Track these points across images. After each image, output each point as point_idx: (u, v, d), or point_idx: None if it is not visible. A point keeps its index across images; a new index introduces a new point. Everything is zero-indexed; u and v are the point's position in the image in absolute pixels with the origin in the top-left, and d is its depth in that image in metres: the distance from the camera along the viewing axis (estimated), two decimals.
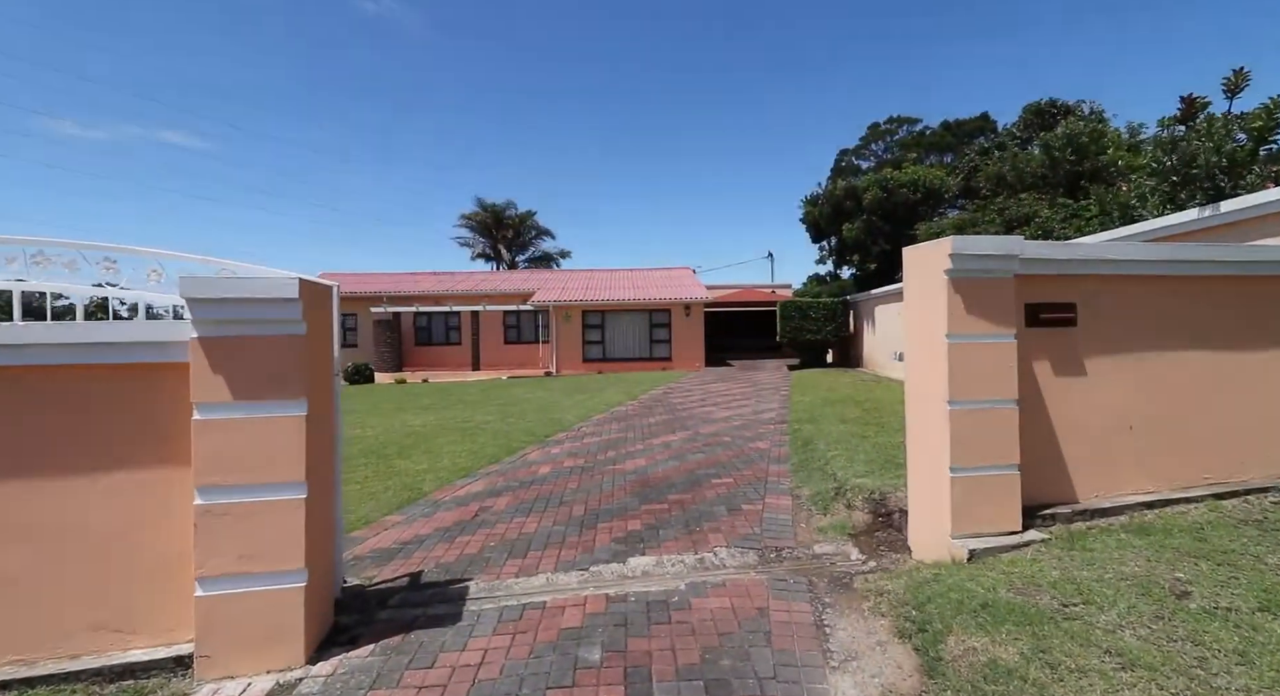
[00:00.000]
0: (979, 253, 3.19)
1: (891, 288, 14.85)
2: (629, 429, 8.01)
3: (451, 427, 8.55)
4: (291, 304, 2.46)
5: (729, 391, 12.33)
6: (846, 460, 5.14)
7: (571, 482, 5.26)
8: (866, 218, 17.57)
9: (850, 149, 36.66)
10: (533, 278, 26.13)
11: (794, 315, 17.61)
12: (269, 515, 2.47)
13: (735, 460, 5.90)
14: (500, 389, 14.75)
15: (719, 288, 27.84)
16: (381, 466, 6.12)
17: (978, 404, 3.21)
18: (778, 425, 7.86)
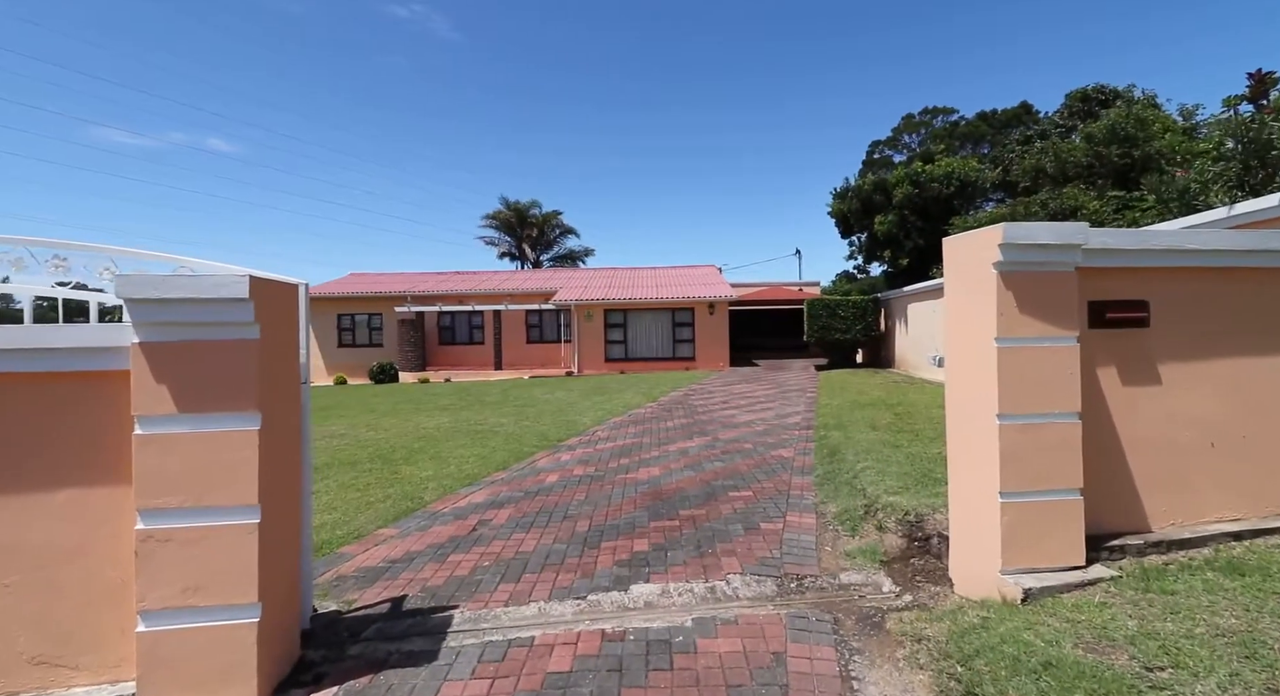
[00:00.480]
0: (1035, 242, 2.74)
1: (925, 284, 14.17)
2: (645, 433, 7.66)
3: (464, 430, 8.34)
4: (240, 305, 2.18)
5: (752, 393, 11.88)
6: (877, 473, 4.69)
7: (579, 493, 4.95)
8: (898, 212, 16.84)
9: (882, 140, 35.59)
10: (555, 276, 25.99)
11: (822, 314, 17.01)
12: (217, 542, 2.20)
13: (755, 470, 5.50)
14: (520, 389, 14.57)
15: (745, 286, 27.25)
16: (386, 472, 5.91)
17: (1033, 418, 2.77)
18: (803, 431, 7.41)
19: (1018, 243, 2.73)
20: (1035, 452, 2.77)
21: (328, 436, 8.34)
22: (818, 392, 11.55)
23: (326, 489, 5.39)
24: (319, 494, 5.23)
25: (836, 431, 6.98)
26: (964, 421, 3.02)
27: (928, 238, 16.91)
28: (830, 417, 8.15)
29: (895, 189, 16.55)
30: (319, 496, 5.15)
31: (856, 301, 17.02)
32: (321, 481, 5.69)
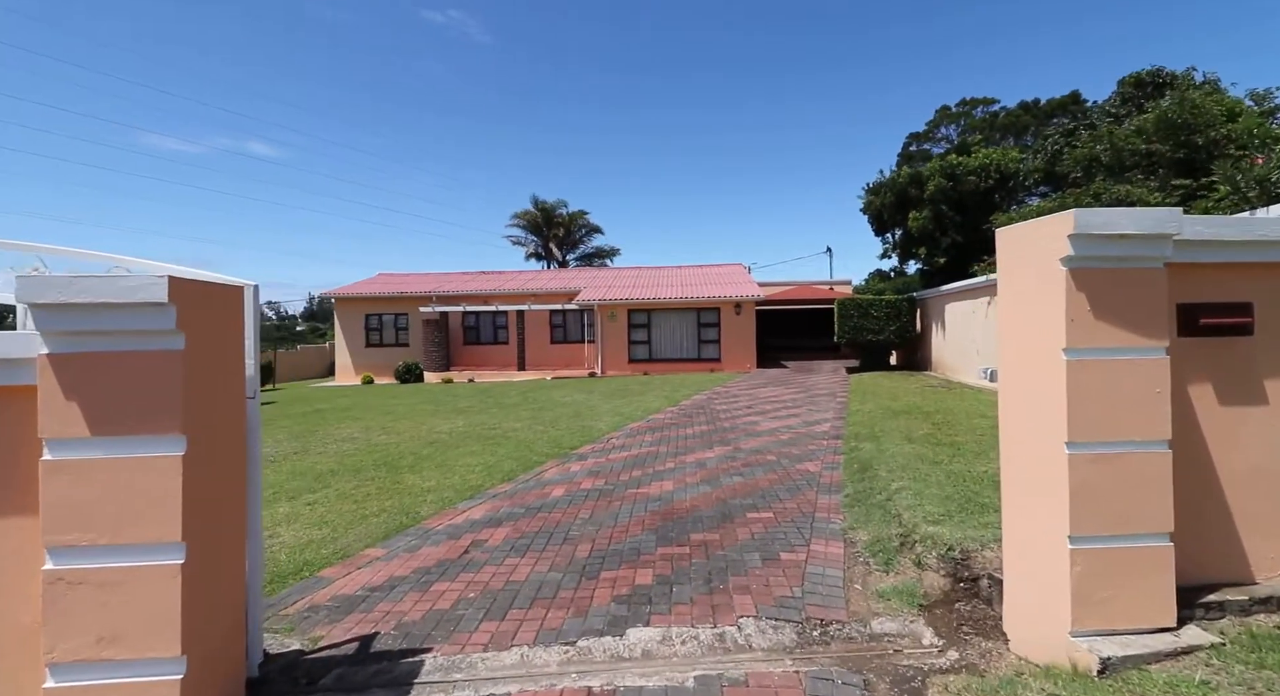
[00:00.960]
0: (1115, 232, 2.25)
1: (964, 283, 13.38)
2: (662, 441, 7.26)
3: (476, 435, 8.07)
4: (158, 311, 1.87)
5: (779, 397, 11.35)
6: (915, 495, 4.19)
7: (584, 510, 4.58)
8: (932, 207, 16.00)
9: (918, 134, 34.33)
10: (579, 276, 25.77)
11: (854, 314, 16.30)
12: (135, 585, 1.90)
13: (778, 487, 5.04)
14: (540, 391, 14.33)
15: (773, 285, 26.56)
16: (388, 482, 5.66)
17: (1111, 446, 2.28)
18: (831, 441, 6.90)
19: (1093, 233, 2.24)
20: (1114, 488, 2.28)
21: (340, 440, 8.18)
22: (848, 397, 10.95)
23: (325, 499, 5.16)
24: (316, 505, 5.00)
25: (868, 443, 6.45)
26: (1023, 448, 2.54)
27: (965, 234, 16.04)
28: (861, 426, 7.61)
29: (928, 182, 15.71)
30: (315, 507, 4.91)
31: (890, 301, 16.26)
32: (322, 490, 5.47)
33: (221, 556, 2.17)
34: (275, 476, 6.14)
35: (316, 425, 9.79)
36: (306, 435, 8.78)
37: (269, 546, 3.99)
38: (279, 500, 5.20)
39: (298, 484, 5.73)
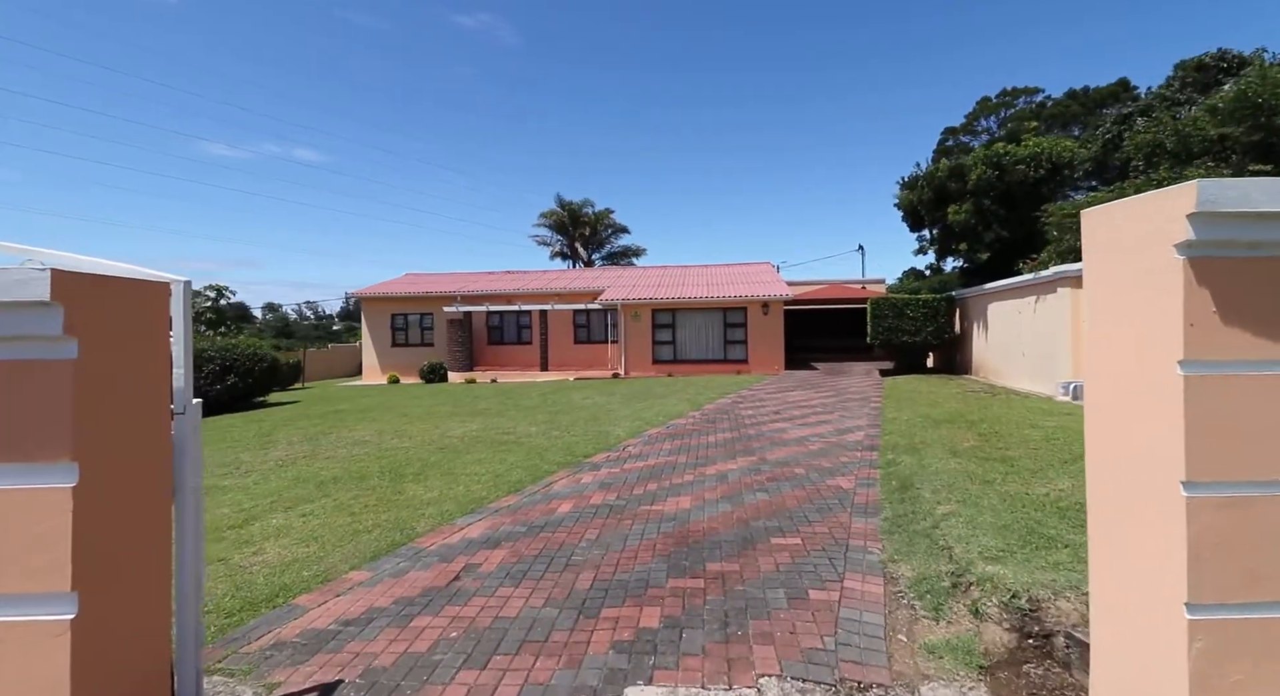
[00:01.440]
0: (1252, 210, 1.72)
1: (1009, 281, 12.54)
2: (682, 450, 6.81)
3: (489, 440, 7.77)
4: (41, 311, 1.53)
5: (808, 402, 10.77)
6: (966, 523, 3.66)
7: (591, 530, 4.18)
8: (975, 200, 15.11)
9: (956, 127, 32.98)
10: (603, 275, 25.45)
11: (888, 314, 15.54)
12: (11, 647, 1.56)
13: (807, 507, 4.55)
14: (561, 392, 14.03)
15: (803, 284, 25.81)
16: (389, 492, 5.36)
17: (1246, 488, 1.75)
18: (866, 453, 6.35)
19: (1222, 211, 1.71)
20: (1249, 543, 1.75)
21: (352, 444, 7.98)
22: (883, 403, 10.31)
23: (321, 510, 4.88)
24: (311, 516, 4.72)
25: (907, 456, 5.89)
26: (1119, 487, 2.02)
27: (1011, 228, 15.11)
28: (899, 436, 7.02)
29: (972, 173, 14.82)
30: (309, 519, 4.63)
31: (927, 300, 15.45)
32: (320, 500, 5.21)
33: (134, 606, 1.82)
34: (278, 483, 5.92)
35: (333, 426, 9.65)
36: (320, 437, 8.61)
37: (249, 566, 3.71)
38: (275, 510, 4.94)
39: (298, 492, 5.48)
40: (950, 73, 73.30)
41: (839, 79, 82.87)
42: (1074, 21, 65.42)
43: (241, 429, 10.10)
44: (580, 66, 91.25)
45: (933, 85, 74.98)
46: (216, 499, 5.46)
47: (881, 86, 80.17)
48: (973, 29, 72.53)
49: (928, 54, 76.56)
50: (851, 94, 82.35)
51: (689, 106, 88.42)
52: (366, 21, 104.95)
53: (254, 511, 4.95)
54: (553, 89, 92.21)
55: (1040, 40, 66.06)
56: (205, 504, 5.34)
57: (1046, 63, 64.23)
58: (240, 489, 5.80)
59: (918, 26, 76.05)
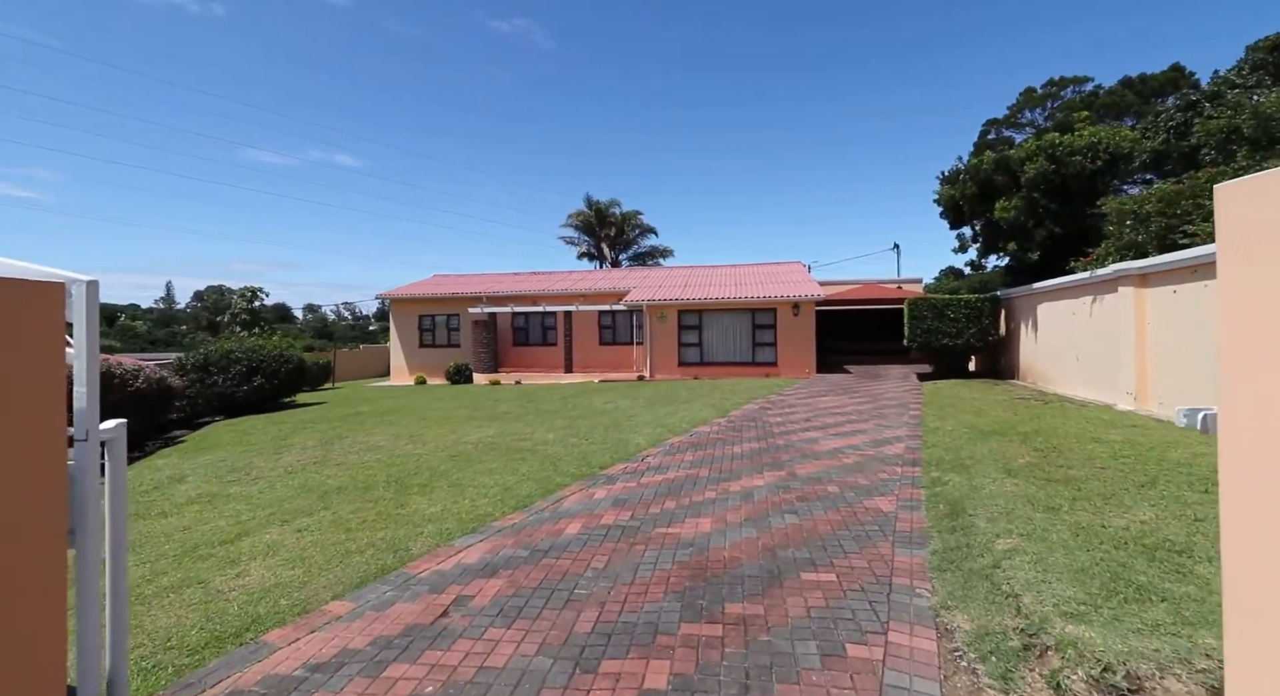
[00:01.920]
0: None
1: (1063, 281, 11.67)
2: (704, 462, 6.36)
3: (504, 448, 7.45)
4: None
5: (842, 408, 10.16)
6: (1034, 563, 3.13)
7: (599, 557, 3.77)
8: (1025, 195, 14.17)
9: (999, 119, 31.52)
10: (629, 276, 25.08)
11: (927, 315, 14.73)
12: None
13: (842, 532, 4.05)
14: (583, 396, 13.69)
15: (835, 284, 24.95)
16: (390, 505, 5.06)
17: None
18: (907, 469, 5.78)
19: None
20: None
21: (365, 449, 7.77)
22: (923, 410, 9.63)
23: (318, 525, 4.61)
24: (306, 532, 4.44)
25: (955, 474, 5.31)
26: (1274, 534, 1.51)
27: (1064, 224, 14.13)
28: (944, 449, 6.42)
29: (1024, 166, 13.87)
30: (304, 535, 4.36)
31: (970, 300, 14.58)
32: (320, 512, 4.94)
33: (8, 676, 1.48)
34: (282, 492, 5.70)
35: (351, 430, 9.50)
36: (335, 441, 8.45)
37: (228, 592, 3.42)
38: (271, 524, 4.69)
39: (299, 504, 5.24)
40: (990, 65, 70.62)
41: (874, 75, 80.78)
42: (1114, 13, 62.22)
43: (262, 431, 10.05)
44: (613, 68, 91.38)
45: (967, 80, 72.39)
46: (218, 509, 5.26)
47: (915, 82, 77.85)
48: (1012, 20, 69.74)
49: (966, 47, 73.98)
50: (884, 90, 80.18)
51: (722, 106, 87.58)
52: (406, 30, 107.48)
53: (250, 524, 4.71)
54: (584, 91, 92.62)
55: (1082, 30, 63.07)
56: (209, 512, 5.18)
57: (1086, 52, 61.20)
58: (243, 498, 5.59)
59: (960, 18, 73.55)
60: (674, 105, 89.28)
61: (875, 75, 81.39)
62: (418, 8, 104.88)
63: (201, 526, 4.75)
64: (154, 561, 3.97)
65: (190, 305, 78.72)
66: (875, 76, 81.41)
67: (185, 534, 4.55)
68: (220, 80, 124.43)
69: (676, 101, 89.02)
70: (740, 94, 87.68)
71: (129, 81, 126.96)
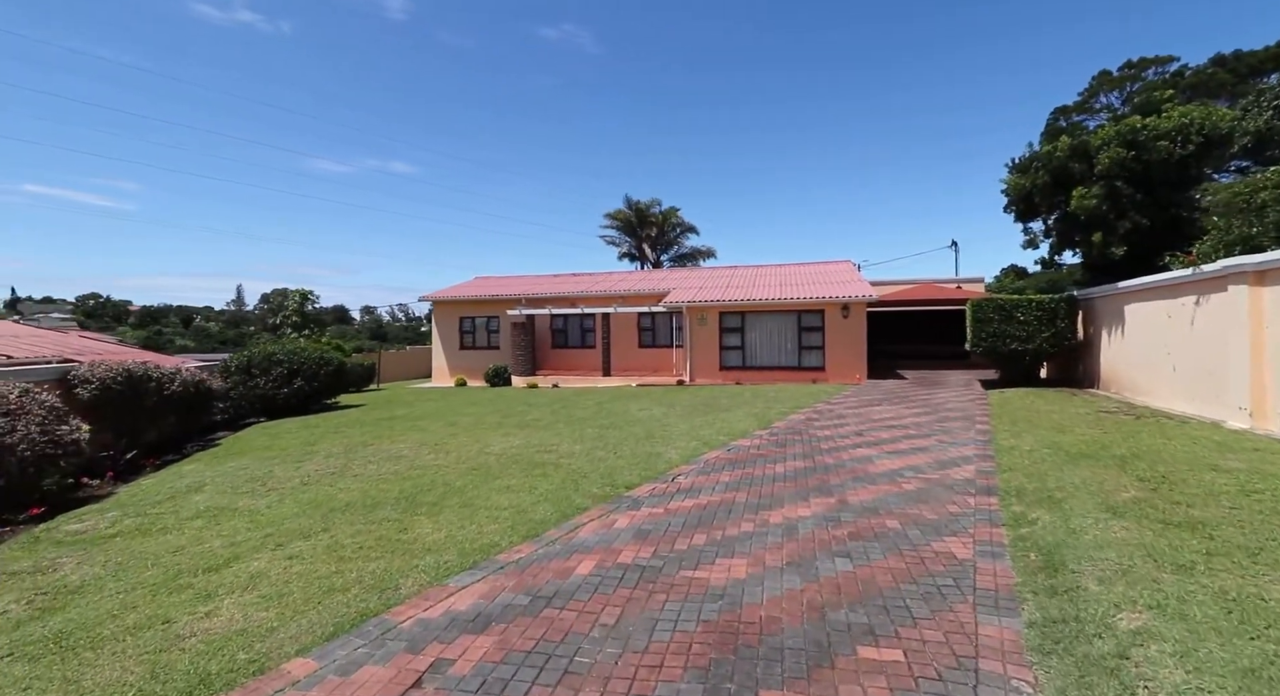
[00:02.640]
0: None
1: (1155, 279, 10.33)
2: (742, 484, 5.68)
3: (526, 460, 6.97)
4: None
5: (898, 420, 9.23)
6: (1178, 656, 2.34)
7: (610, 609, 3.18)
8: (1105, 183, 12.72)
9: (1069, 106, 29.22)
10: (669, 276, 24.44)
11: (993, 317, 13.48)
12: None
13: (908, 588, 3.32)
14: (618, 401, 13.16)
15: (888, 284, 23.61)
16: (393, 529, 4.63)
17: None
18: (981, 498, 4.94)
19: None
20: None
21: (385, 459, 7.45)
22: (991, 424, 8.62)
23: (311, 551, 4.21)
24: (296, 560, 4.05)
25: (1043, 510, 4.46)
26: None
27: (1151, 215, 12.62)
28: (1024, 475, 5.52)
29: (1101, 153, 12.45)
30: (293, 564, 3.96)
31: (1042, 301, 13.24)
32: (319, 535, 4.56)
33: None
34: (289, 508, 5.38)
35: (379, 436, 9.27)
36: (359, 449, 8.19)
37: (186, 637, 3.02)
38: (265, 548, 4.33)
39: (300, 524, 4.88)
40: (1055, 54, 66.24)
41: (923, 69, 77.25)
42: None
43: (293, 435, 9.97)
44: (660, 69, 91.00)
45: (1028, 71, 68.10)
46: (220, 526, 4.96)
47: (970, 73, 73.85)
48: (1080, 5, 65.21)
49: (1032, 34, 69.70)
50: (937, 85, 76.52)
51: (771, 104, 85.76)
52: (457, 40, 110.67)
53: (243, 547, 4.36)
54: (631, 92, 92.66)
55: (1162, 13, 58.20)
56: (209, 529, 4.90)
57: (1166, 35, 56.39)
58: (249, 514, 5.30)
59: (1022, 4, 69.42)
60: (723, 104, 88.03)
61: (934, 68, 77.78)
62: (469, 18, 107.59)
63: (195, 547, 4.44)
64: (130, 591, 3.64)
65: (258, 307, 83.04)
66: (934, 69, 77.79)
67: (175, 557, 4.23)
68: (286, 93, 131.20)
69: (725, 101, 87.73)
70: (790, 91, 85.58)
71: (202, 96, 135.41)
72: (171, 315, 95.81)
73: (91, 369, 8.50)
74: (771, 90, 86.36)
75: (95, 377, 8.40)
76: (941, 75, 78.40)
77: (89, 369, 8.48)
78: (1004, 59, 73.63)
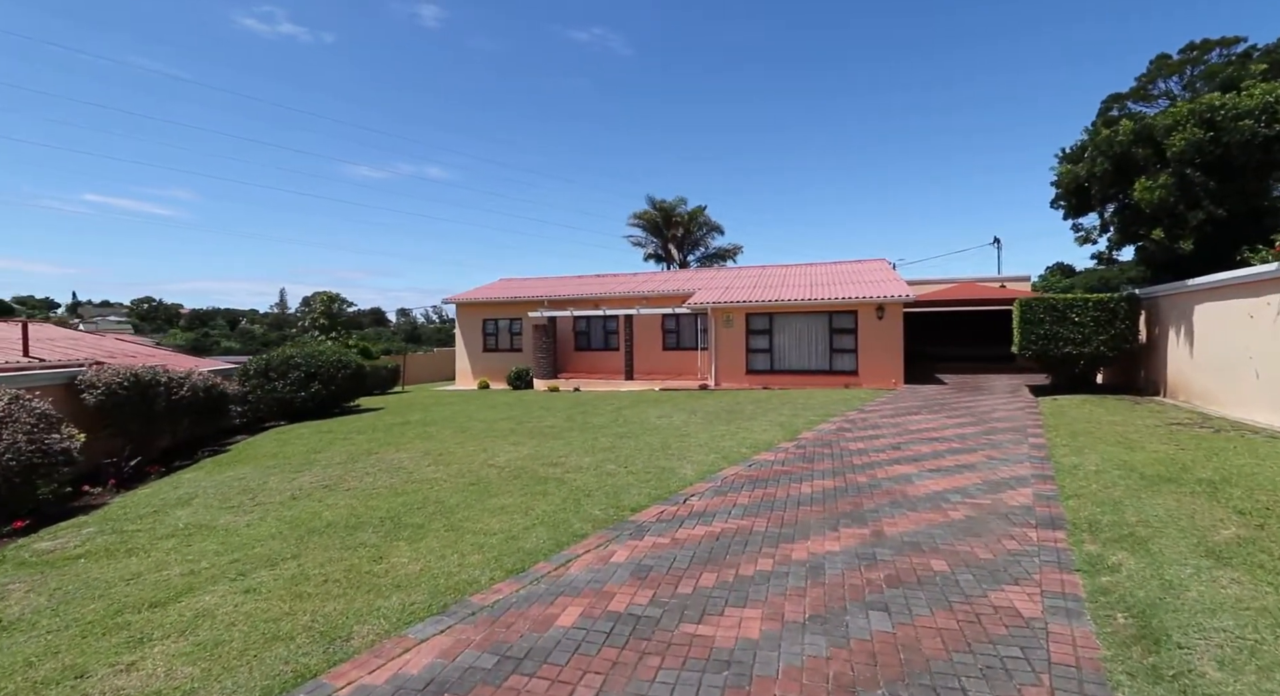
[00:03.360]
0: None
1: (1234, 275, 9.22)
2: (762, 507, 5.04)
3: (530, 474, 6.47)
4: None
5: (939, 431, 8.40)
6: None
7: (590, 679, 2.61)
8: (1176, 170, 11.55)
9: (1123, 93, 27.35)
10: (695, 277, 23.76)
11: (1044, 318, 12.42)
12: None
13: (962, 659, 2.66)
14: (638, 407, 12.59)
15: (925, 283, 22.46)
16: (368, 557, 4.16)
17: None
18: (1045, 533, 4.20)
19: None
20: None
21: (382, 470, 7.05)
22: (1046, 436, 7.74)
23: (274, 582, 3.77)
24: (253, 594, 3.60)
25: (1125, 551, 3.70)
26: None
27: (1229, 205, 11.39)
28: (1094, 503, 4.73)
29: (1173, 135, 11.28)
30: (248, 600, 3.51)
31: (1100, 301, 12.13)
32: (287, 562, 4.13)
33: None
34: (268, 527, 4.99)
35: (385, 444, 8.92)
36: (362, 458, 7.83)
37: (106, 692, 2.57)
38: (224, 578, 3.91)
39: (271, 548, 4.46)
40: (1101, 44, 62.89)
41: (963, 61, 74.42)
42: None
43: (303, 441, 9.72)
44: (690, 68, 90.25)
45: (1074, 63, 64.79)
46: (189, 548, 4.59)
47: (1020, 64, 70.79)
48: None
49: (1070, 26, 66.40)
50: (977, 77, 73.60)
51: (800, 98, 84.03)
52: (489, 45, 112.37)
53: (202, 577, 3.95)
54: (660, 93, 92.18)
55: None
56: (177, 552, 4.51)
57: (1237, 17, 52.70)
58: (224, 533, 4.92)
59: None
60: (754, 99, 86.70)
61: (975, 61, 74.92)
62: (501, 23, 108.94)
63: (154, 575, 4.05)
64: (61, 630, 3.25)
65: (300, 310, 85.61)
66: (974, 63, 74.94)
67: (127, 587, 3.85)
68: (328, 102, 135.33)
69: (756, 96, 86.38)
70: (822, 87, 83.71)
71: (250, 107, 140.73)
72: (219, 318, 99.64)
73: (98, 374, 8.38)
74: (805, 87, 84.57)
75: (101, 383, 8.27)
76: (983, 68, 75.38)
77: (95, 374, 8.36)
78: (1046, 51, 70.32)
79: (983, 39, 74.46)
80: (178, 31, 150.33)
